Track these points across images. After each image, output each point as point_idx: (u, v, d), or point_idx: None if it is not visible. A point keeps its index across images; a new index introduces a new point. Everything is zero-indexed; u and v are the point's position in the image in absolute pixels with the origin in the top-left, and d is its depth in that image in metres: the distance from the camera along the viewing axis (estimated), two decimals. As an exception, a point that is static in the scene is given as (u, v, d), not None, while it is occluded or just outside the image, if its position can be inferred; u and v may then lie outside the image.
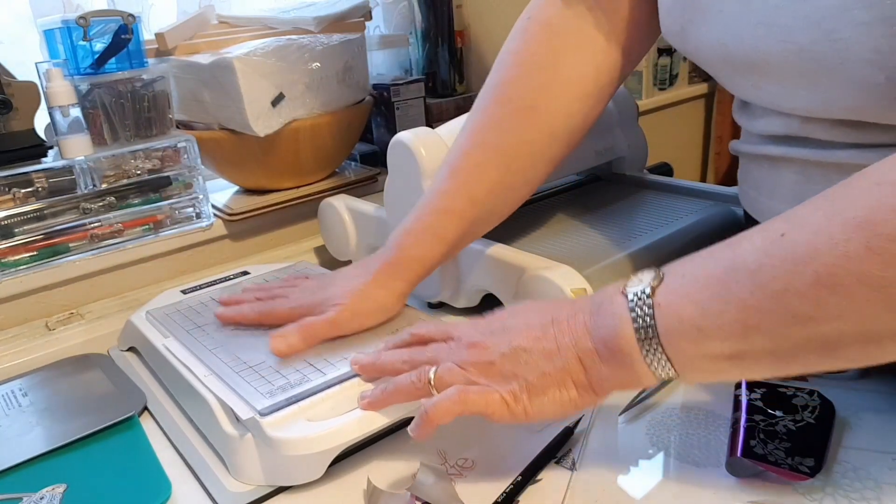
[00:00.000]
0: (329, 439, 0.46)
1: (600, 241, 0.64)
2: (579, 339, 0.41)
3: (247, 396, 0.49)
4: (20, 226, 0.69)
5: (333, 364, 0.52)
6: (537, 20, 0.57)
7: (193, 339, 0.59)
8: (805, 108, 0.43)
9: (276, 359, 0.54)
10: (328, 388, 0.49)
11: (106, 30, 0.71)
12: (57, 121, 0.69)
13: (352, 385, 0.50)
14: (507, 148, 0.56)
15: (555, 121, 0.56)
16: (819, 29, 0.38)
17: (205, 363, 0.54)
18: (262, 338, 0.56)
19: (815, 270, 0.32)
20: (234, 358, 0.55)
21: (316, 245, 0.89)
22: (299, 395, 0.49)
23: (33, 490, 0.47)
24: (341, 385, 0.50)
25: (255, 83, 0.75)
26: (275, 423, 0.46)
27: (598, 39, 0.55)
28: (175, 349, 0.57)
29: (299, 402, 0.48)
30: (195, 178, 0.79)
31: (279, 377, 0.51)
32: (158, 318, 0.63)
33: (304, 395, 0.49)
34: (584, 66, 0.56)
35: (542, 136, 0.56)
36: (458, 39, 1.04)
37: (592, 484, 0.46)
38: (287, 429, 0.46)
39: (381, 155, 0.98)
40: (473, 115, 0.58)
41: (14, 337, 0.70)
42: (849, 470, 0.44)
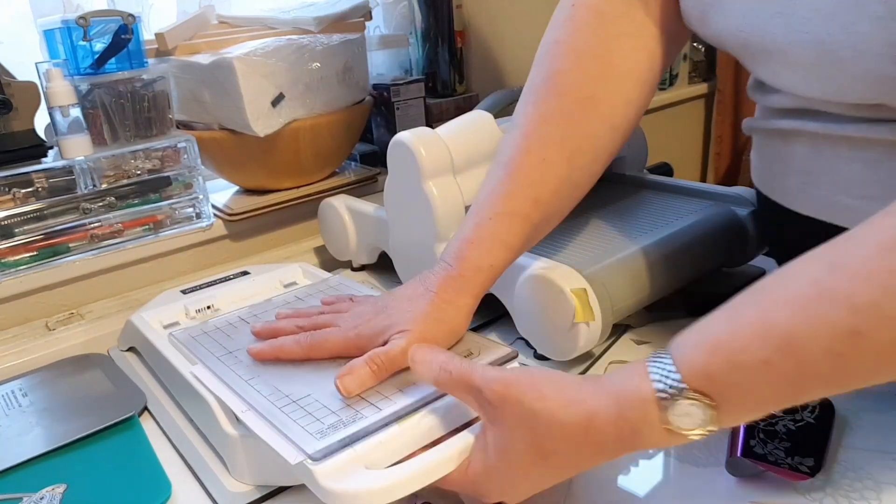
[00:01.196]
0: (394, 491, 0.39)
1: (600, 241, 0.64)
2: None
3: (294, 437, 0.42)
4: (20, 226, 0.69)
5: (389, 398, 0.45)
6: (584, 6, 0.53)
7: (225, 368, 0.52)
8: (820, 95, 0.44)
9: (324, 392, 0.47)
10: (386, 427, 0.43)
11: (106, 30, 0.71)
12: (57, 121, 0.69)
13: (413, 423, 0.43)
14: (569, 143, 0.51)
15: (615, 111, 0.53)
16: (835, 21, 0.39)
17: (242, 397, 0.48)
18: (305, 366, 0.51)
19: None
20: (274, 390, 0.48)
21: (316, 245, 0.89)
22: (354, 436, 0.42)
23: (33, 490, 0.47)
24: (400, 423, 0.43)
25: (255, 83, 0.75)
26: (330, 471, 0.39)
27: (648, 25, 0.53)
28: (206, 379, 0.51)
29: (354, 445, 0.41)
30: (195, 178, 0.79)
31: (329, 414, 0.44)
32: (183, 342, 0.57)
33: (359, 436, 0.42)
34: (638, 52, 0.53)
35: (604, 128, 0.52)
36: (458, 39, 1.04)
37: (592, 484, 0.46)
38: (345, 479, 0.39)
39: (381, 155, 0.98)
40: (526, 108, 0.53)
41: (14, 337, 0.70)
42: (849, 470, 0.44)
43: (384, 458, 0.41)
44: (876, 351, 0.30)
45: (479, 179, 0.66)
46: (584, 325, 0.53)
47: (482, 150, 0.66)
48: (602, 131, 0.52)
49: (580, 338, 0.54)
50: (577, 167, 0.52)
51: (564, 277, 0.55)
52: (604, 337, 0.57)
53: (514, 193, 0.51)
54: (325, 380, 0.48)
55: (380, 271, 0.80)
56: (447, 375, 0.42)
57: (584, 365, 0.59)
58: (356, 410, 0.44)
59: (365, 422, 0.43)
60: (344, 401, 0.45)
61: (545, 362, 0.59)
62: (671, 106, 1.51)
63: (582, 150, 0.52)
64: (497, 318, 0.68)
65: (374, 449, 0.41)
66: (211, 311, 0.67)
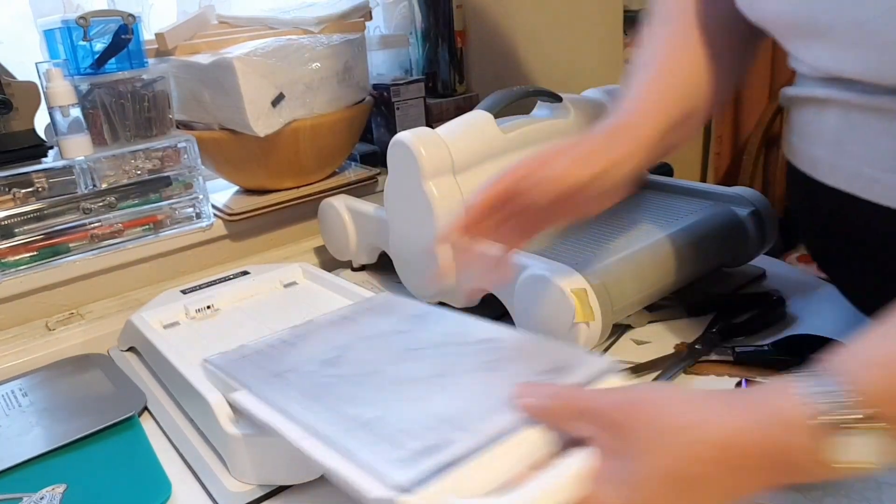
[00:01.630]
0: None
1: (600, 242, 0.64)
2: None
3: (373, 465, 0.36)
4: (20, 226, 0.69)
5: (478, 420, 0.39)
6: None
7: (275, 392, 0.45)
8: (860, 75, 0.45)
9: (398, 412, 0.41)
10: (479, 451, 0.36)
11: (106, 30, 0.71)
12: (57, 121, 0.69)
13: (510, 447, 0.37)
14: (708, 56, 0.54)
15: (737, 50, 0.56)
16: (882, 4, 0.40)
17: (300, 422, 0.41)
18: (367, 384, 0.44)
19: None
20: (338, 414, 0.41)
21: (316, 245, 0.89)
22: (448, 462, 0.35)
23: (33, 490, 0.47)
24: (495, 447, 0.37)
25: (255, 83, 0.75)
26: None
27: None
28: (252, 406, 0.44)
29: (442, 473, 0.35)
30: (195, 178, 0.79)
31: (410, 438, 0.38)
32: (221, 367, 0.50)
33: (452, 462, 0.36)
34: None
35: (736, 46, 0.56)
36: (458, 39, 1.04)
37: (592, 484, 0.45)
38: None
39: (381, 155, 0.98)
40: (663, 27, 0.56)
41: (14, 337, 0.70)
42: (849, 470, 0.44)
43: (479, 487, 0.36)
44: None
45: (479, 179, 0.66)
46: (584, 325, 0.53)
47: (482, 150, 0.66)
48: (737, 49, 0.56)
49: (580, 338, 0.54)
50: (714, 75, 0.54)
51: (564, 277, 0.54)
52: (604, 337, 0.57)
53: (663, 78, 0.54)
54: (397, 398, 0.42)
55: (380, 271, 0.80)
56: (558, 402, 0.38)
57: (584, 365, 0.58)
58: (439, 433, 0.38)
59: (455, 446, 0.36)
60: (422, 423, 0.39)
61: (545, 362, 0.59)
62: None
63: (721, 63, 0.55)
64: (497, 318, 0.68)
65: (466, 476, 0.35)
66: (211, 310, 0.67)
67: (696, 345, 0.59)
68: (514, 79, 1.17)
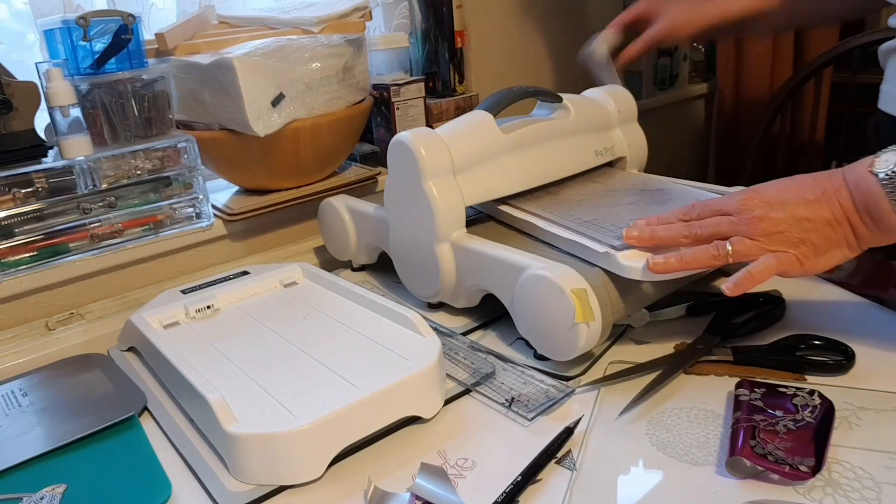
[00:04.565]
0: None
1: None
2: (849, 210, 0.51)
3: (598, 237, 0.58)
4: (20, 226, 0.69)
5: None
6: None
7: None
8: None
9: (608, 218, 0.63)
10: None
11: (106, 30, 0.71)
12: (57, 121, 0.69)
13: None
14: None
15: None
16: None
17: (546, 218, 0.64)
18: (587, 200, 0.67)
19: None
20: (570, 216, 0.64)
21: (316, 245, 0.89)
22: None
23: (33, 490, 0.47)
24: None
25: (255, 83, 0.75)
26: (627, 255, 0.55)
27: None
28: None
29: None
30: (195, 178, 0.79)
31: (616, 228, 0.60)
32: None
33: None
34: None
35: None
36: (458, 39, 1.04)
37: (592, 484, 0.46)
38: (636, 261, 0.55)
39: (381, 155, 0.98)
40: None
41: (14, 337, 0.70)
42: (848, 470, 0.44)
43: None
44: None
45: (479, 179, 0.66)
46: (584, 325, 0.53)
47: (482, 150, 0.66)
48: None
49: (580, 338, 0.54)
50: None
51: (564, 278, 0.55)
52: (604, 337, 0.57)
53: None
54: (606, 209, 0.66)
55: (380, 271, 0.80)
56: (698, 212, 0.56)
57: (584, 365, 0.59)
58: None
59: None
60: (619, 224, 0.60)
61: (545, 362, 0.59)
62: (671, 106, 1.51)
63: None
64: (497, 318, 0.68)
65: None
66: (211, 310, 0.67)
67: (696, 345, 0.59)
68: (514, 79, 1.17)
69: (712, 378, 0.56)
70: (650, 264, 0.54)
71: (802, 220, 0.52)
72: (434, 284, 0.67)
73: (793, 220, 0.52)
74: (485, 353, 0.62)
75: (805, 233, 0.52)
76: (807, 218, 0.52)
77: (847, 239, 0.52)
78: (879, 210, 0.50)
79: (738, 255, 0.53)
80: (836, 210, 0.52)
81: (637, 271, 0.55)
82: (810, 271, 0.53)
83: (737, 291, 0.52)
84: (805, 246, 0.52)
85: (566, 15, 1.23)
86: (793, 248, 0.52)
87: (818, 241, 0.52)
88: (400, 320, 0.60)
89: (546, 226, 0.64)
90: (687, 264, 0.54)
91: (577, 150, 0.75)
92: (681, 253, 0.54)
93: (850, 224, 0.51)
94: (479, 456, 0.49)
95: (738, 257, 0.53)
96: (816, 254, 0.52)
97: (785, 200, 0.53)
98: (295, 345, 0.59)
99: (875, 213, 0.50)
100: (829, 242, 0.52)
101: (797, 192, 0.53)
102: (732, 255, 0.53)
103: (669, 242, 0.56)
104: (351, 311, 0.65)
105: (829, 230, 0.52)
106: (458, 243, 0.64)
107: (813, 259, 0.52)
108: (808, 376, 0.55)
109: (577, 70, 1.26)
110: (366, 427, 0.50)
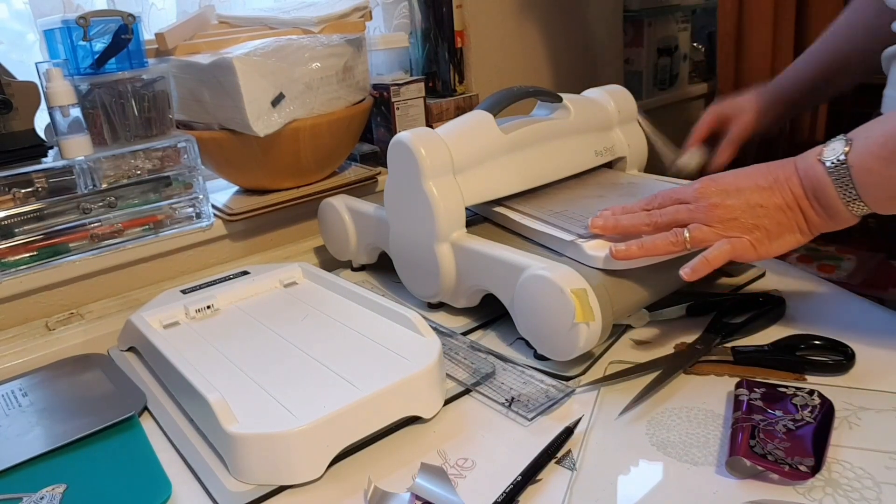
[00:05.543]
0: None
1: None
2: (799, 197, 0.53)
3: (565, 227, 0.61)
4: (20, 226, 0.69)
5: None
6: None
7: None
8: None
9: (577, 210, 0.66)
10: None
11: (106, 30, 0.71)
12: (57, 121, 0.69)
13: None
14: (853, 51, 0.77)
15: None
16: None
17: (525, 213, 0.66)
18: (558, 195, 0.69)
19: None
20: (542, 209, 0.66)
21: (316, 245, 0.89)
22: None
23: (33, 490, 0.47)
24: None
25: (255, 83, 0.75)
26: (593, 245, 0.58)
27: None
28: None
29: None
30: (195, 178, 0.79)
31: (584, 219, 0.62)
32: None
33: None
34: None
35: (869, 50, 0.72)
36: (458, 39, 1.04)
37: (592, 484, 0.46)
38: (601, 250, 0.58)
39: (381, 155, 0.98)
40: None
41: (14, 337, 0.70)
42: (848, 470, 0.44)
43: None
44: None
45: (479, 179, 0.66)
46: (584, 325, 0.53)
47: (482, 150, 0.66)
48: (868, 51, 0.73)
49: (580, 338, 0.54)
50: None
51: (564, 278, 0.55)
52: (604, 337, 0.57)
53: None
54: (575, 200, 0.69)
55: (380, 271, 0.80)
56: (660, 202, 0.59)
57: (584, 365, 0.59)
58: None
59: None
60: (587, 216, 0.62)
61: (545, 362, 0.59)
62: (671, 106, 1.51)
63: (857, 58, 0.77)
64: (497, 318, 0.68)
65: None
66: (211, 310, 0.67)
67: (696, 345, 0.59)
68: (514, 79, 1.17)
69: (712, 378, 0.56)
70: (613, 252, 0.56)
71: (756, 207, 0.54)
72: (434, 284, 0.67)
73: (747, 207, 0.54)
74: (485, 353, 0.62)
75: (758, 219, 0.54)
76: (760, 204, 0.54)
77: (798, 224, 0.54)
78: (827, 196, 0.52)
79: (695, 240, 0.55)
80: (788, 197, 0.54)
81: (601, 259, 0.58)
82: (764, 255, 0.55)
83: (693, 276, 0.54)
84: (759, 231, 0.54)
85: (566, 15, 1.23)
86: (747, 234, 0.54)
87: (771, 227, 0.54)
88: (400, 320, 0.60)
89: (518, 217, 0.66)
90: (647, 251, 0.56)
91: (576, 151, 0.75)
92: (642, 240, 0.56)
93: (801, 210, 0.53)
94: (479, 456, 0.49)
95: (695, 243, 0.55)
96: (770, 238, 0.54)
97: (740, 188, 0.55)
98: (295, 345, 0.59)
99: (823, 200, 0.52)
100: (781, 227, 0.54)
101: (751, 180, 0.55)
102: (690, 241, 0.55)
103: (632, 231, 0.58)
104: (351, 311, 0.65)
105: (782, 216, 0.54)
106: (458, 243, 0.64)
107: (766, 244, 0.54)
108: (808, 376, 0.55)
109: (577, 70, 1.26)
110: (366, 427, 0.50)
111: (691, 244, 0.55)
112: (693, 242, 0.55)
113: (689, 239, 0.55)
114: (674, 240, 0.55)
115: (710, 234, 0.55)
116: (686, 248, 0.55)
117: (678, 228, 0.56)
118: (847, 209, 0.52)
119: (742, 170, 0.57)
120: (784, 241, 0.55)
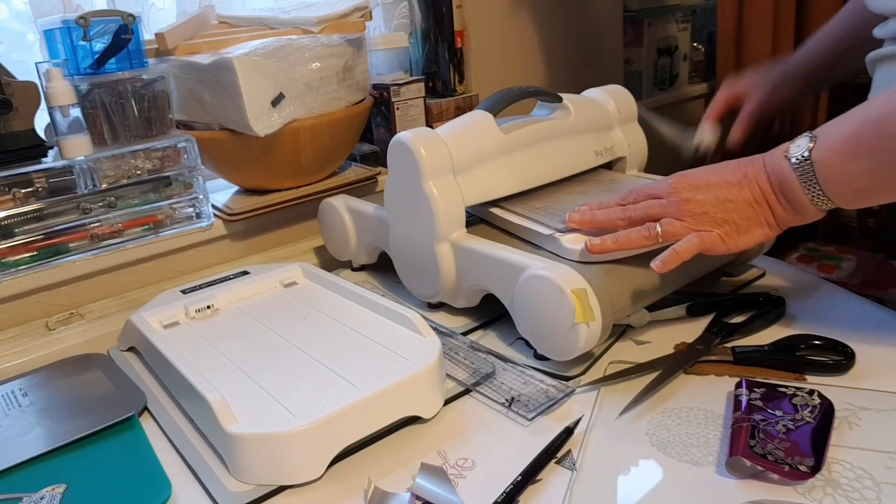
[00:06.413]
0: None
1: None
2: (767, 192, 0.55)
3: (544, 222, 0.63)
4: (20, 226, 0.69)
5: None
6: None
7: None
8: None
9: (557, 206, 0.67)
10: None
11: (106, 30, 0.71)
12: (57, 121, 0.69)
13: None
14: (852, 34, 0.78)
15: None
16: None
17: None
18: (543, 192, 0.70)
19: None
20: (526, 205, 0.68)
21: (316, 245, 0.89)
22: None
23: (33, 490, 0.47)
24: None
25: (255, 83, 0.75)
26: (569, 238, 0.60)
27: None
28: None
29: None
30: (195, 178, 0.79)
31: (562, 214, 0.64)
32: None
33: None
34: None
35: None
36: (458, 39, 1.04)
37: (592, 484, 0.46)
38: (577, 244, 0.59)
39: (381, 155, 0.98)
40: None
41: (14, 337, 0.70)
42: (848, 470, 0.44)
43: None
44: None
45: (479, 179, 0.66)
46: (584, 325, 0.53)
47: (482, 150, 0.66)
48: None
49: (580, 338, 0.54)
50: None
51: (564, 278, 0.55)
52: (604, 337, 0.57)
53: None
54: (557, 196, 0.70)
55: (380, 271, 0.80)
56: (634, 197, 0.60)
57: (584, 365, 0.59)
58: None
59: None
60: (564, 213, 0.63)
61: (545, 362, 0.59)
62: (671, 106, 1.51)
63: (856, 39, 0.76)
64: (497, 318, 0.68)
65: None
66: (211, 310, 0.67)
67: (696, 345, 0.59)
68: (514, 79, 1.17)
69: (712, 378, 0.56)
70: (588, 246, 0.58)
71: (725, 202, 0.55)
72: (434, 284, 0.67)
73: (716, 202, 0.56)
74: (485, 353, 0.62)
75: (727, 213, 0.55)
76: (729, 199, 0.55)
77: (766, 219, 0.55)
78: (793, 191, 0.53)
79: (666, 234, 0.56)
80: (756, 192, 0.55)
81: (576, 252, 0.59)
82: (732, 249, 0.56)
83: (664, 269, 0.55)
84: (728, 225, 0.55)
85: (566, 15, 1.23)
86: (716, 228, 0.55)
87: (740, 221, 0.55)
88: (400, 320, 0.60)
89: (501, 213, 0.68)
90: (621, 245, 0.57)
91: (576, 151, 0.75)
92: (616, 235, 0.58)
93: (769, 205, 0.55)
94: (479, 456, 0.49)
95: (667, 237, 0.56)
96: (738, 232, 0.56)
97: (710, 183, 0.56)
98: (295, 345, 0.59)
99: (789, 195, 0.54)
100: (749, 222, 0.55)
101: (721, 176, 0.57)
102: (662, 235, 0.56)
103: (608, 225, 0.60)
104: (351, 311, 0.65)
105: (750, 210, 0.55)
106: (458, 243, 0.64)
107: (735, 237, 0.56)
108: (808, 376, 0.55)
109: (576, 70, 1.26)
110: (366, 427, 0.50)
111: (663, 238, 0.56)
112: (665, 236, 0.56)
113: (661, 233, 0.56)
114: (647, 234, 0.57)
115: (681, 228, 0.56)
116: (658, 241, 0.56)
117: (651, 223, 0.57)
118: (812, 204, 0.53)
119: (713, 166, 0.58)
120: (752, 235, 0.56)
